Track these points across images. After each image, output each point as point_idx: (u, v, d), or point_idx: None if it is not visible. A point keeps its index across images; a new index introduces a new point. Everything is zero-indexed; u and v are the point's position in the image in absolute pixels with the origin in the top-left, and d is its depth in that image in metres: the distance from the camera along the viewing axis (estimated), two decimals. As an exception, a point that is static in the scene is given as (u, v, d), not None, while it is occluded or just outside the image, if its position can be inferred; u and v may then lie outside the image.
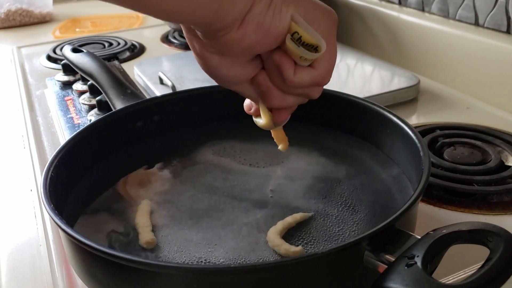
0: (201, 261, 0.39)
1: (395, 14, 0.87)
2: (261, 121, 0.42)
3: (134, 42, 1.03)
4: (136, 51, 1.00)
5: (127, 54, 0.98)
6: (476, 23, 0.74)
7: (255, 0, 0.33)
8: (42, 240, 0.48)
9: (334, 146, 0.54)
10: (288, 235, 0.41)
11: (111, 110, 0.57)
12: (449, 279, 0.39)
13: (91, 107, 0.71)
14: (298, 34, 0.35)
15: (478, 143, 0.59)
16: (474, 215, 0.49)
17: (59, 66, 0.85)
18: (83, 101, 0.73)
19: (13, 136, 0.70)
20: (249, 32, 0.34)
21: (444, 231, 0.32)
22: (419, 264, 0.30)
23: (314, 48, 0.36)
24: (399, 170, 0.49)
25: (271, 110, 0.41)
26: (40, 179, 0.42)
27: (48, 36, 1.15)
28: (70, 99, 0.76)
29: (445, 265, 0.34)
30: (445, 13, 0.79)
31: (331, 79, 0.41)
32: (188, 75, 0.78)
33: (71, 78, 0.82)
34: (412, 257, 0.31)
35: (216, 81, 0.40)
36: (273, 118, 0.41)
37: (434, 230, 0.33)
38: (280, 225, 0.42)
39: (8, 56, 1.01)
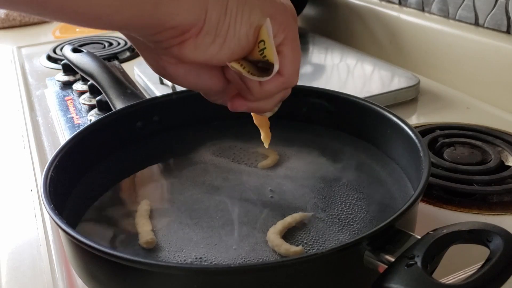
0: (201, 261, 0.39)
1: (395, 14, 0.87)
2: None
3: (134, 42, 1.03)
4: (136, 51, 1.00)
5: (127, 54, 0.98)
6: (476, 23, 0.74)
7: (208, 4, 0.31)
8: (42, 240, 0.48)
9: (334, 146, 0.54)
10: (288, 235, 0.41)
11: (111, 110, 0.57)
12: (449, 279, 0.39)
13: (91, 107, 0.71)
14: (263, 44, 0.33)
15: (478, 143, 0.59)
16: (474, 215, 0.49)
17: (59, 66, 0.85)
18: (83, 101, 0.73)
19: (13, 136, 0.70)
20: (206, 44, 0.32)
21: (444, 231, 0.32)
22: (419, 264, 0.30)
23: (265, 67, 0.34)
24: (399, 170, 0.49)
25: None
26: (40, 179, 0.42)
27: (48, 36, 1.15)
28: (70, 99, 0.76)
29: (445, 265, 0.34)
30: (445, 13, 0.79)
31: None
32: (188, 75, 0.77)
33: (71, 78, 0.82)
34: (412, 257, 0.31)
35: (191, 89, 0.39)
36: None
37: (434, 230, 0.33)
38: (280, 225, 0.41)
39: (8, 56, 1.01)
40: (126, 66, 0.89)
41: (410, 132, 0.46)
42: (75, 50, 0.71)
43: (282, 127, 0.56)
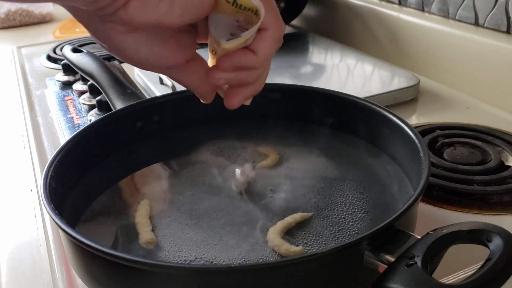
0: (201, 261, 0.39)
1: (395, 14, 0.87)
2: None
3: (134, 42, 1.03)
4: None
5: (127, 54, 0.98)
6: (476, 23, 0.74)
7: None
8: (42, 240, 0.48)
9: (334, 146, 0.54)
10: (288, 235, 0.41)
11: (111, 110, 0.57)
12: (449, 279, 0.39)
13: (91, 107, 0.71)
14: None
15: (478, 143, 0.59)
16: (474, 215, 0.49)
17: (59, 66, 0.85)
18: (83, 101, 0.73)
19: (13, 136, 0.70)
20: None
21: (444, 231, 0.32)
22: (419, 264, 0.30)
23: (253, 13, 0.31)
24: (399, 170, 0.49)
25: None
26: (40, 179, 0.42)
27: (48, 36, 1.15)
28: (70, 99, 0.76)
29: (445, 265, 0.34)
30: (445, 13, 0.79)
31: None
32: (188, 75, 0.77)
33: (71, 78, 0.82)
34: (412, 257, 0.31)
35: (142, 68, 0.34)
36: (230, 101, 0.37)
37: (434, 230, 0.33)
38: (280, 225, 0.42)
39: (8, 56, 1.01)
40: (126, 66, 0.89)
41: (410, 132, 0.46)
42: (75, 50, 0.71)
43: (282, 127, 0.56)
